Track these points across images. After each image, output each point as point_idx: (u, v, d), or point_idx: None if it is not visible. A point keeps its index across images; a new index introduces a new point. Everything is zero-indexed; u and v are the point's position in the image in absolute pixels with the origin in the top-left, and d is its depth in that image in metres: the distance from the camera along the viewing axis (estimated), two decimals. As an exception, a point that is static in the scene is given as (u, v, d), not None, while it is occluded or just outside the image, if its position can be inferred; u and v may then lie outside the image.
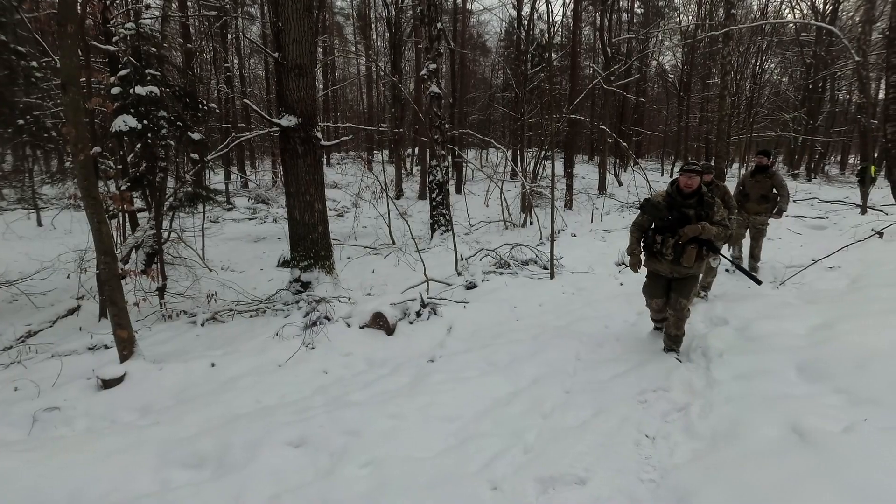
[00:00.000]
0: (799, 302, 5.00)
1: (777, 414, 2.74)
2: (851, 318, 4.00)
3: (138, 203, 7.36)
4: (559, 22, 21.26)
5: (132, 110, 5.75)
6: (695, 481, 2.34)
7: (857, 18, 19.62)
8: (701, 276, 5.19)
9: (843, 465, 2.13)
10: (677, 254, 3.65)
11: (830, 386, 3.09)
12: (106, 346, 4.71)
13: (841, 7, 21.04)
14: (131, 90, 5.72)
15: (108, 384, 3.77)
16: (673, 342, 4.00)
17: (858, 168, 13.65)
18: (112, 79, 5.93)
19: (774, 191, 6.09)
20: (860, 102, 14.26)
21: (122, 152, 7.17)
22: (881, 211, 9.87)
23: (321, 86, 23.67)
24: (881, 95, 12.59)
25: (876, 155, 15.02)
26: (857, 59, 11.26)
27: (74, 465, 2.69)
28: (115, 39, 6.82)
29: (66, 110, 3.68)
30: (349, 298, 5.54)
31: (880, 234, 7.48)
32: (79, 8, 5.57)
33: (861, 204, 12.41)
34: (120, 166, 7.12)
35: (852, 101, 24.30)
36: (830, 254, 6.44)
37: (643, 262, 3.98)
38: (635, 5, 24.14)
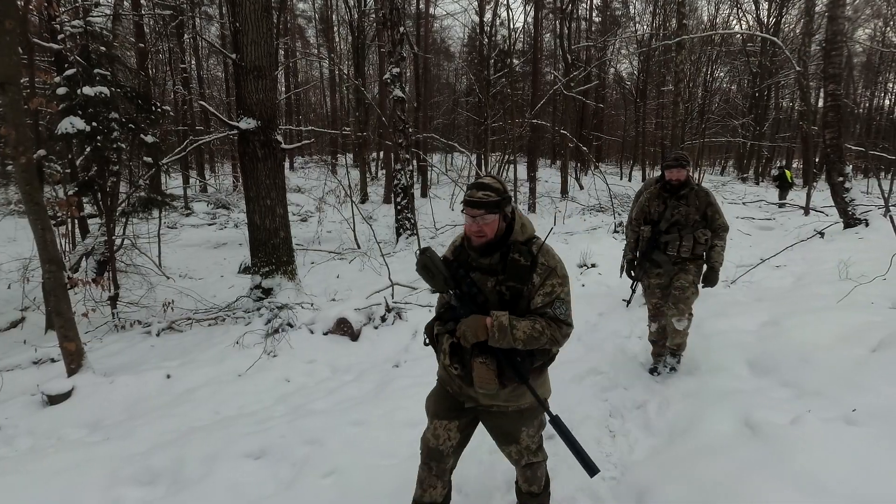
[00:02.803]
0: (748, 300, 5.24)
1: (730, 408, 2.86)
2: (796, 314, 4.22)
3: (89, 209, 7.04)
4: (520, 28, 21.64)
5: (80, 111, 5.49)
6: (653, 477, 2.42)
7: (798, 31, 20.81)
8: (678, 330, 3.43)
9: (788, 456, 2.24)
10: (465, 368, 1.84)
11: (778, 380, 3.26)
12: (52, 360, 4.46)
13: (783, 20, 22.27)
14: (78, 90, 5.47)
15: (54, 400, 3.58)
16: None
17: (775, 175, 14.60)
18: (57, 78, 5.66)
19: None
20: (802, 110, 15.11)
21: (70, 156, 6.83)
22: (822, 212, 10.47)
23: (283, 88, 23.26)
24: (820, 103, 13.39)
25: (817, 159, 15.94)
26: (797, 68, 11.93)
27: (16, 487, 2.53)
28: (60, 37, 6.51)
29: (6, 111, 3.49)
30: (312, 304, 5.45)
31: (821, 234, 7.93)
32: (20, 2, 5.29)
33: (781, 202, 13.20)
34: (68, 170, 6.79)
35: (795, 109, 25.69)
36: (776, 253, 6.78)
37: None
38: (593, 14, 24.84)
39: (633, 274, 3.79)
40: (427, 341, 1.97)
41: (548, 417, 1.75)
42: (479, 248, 1.79)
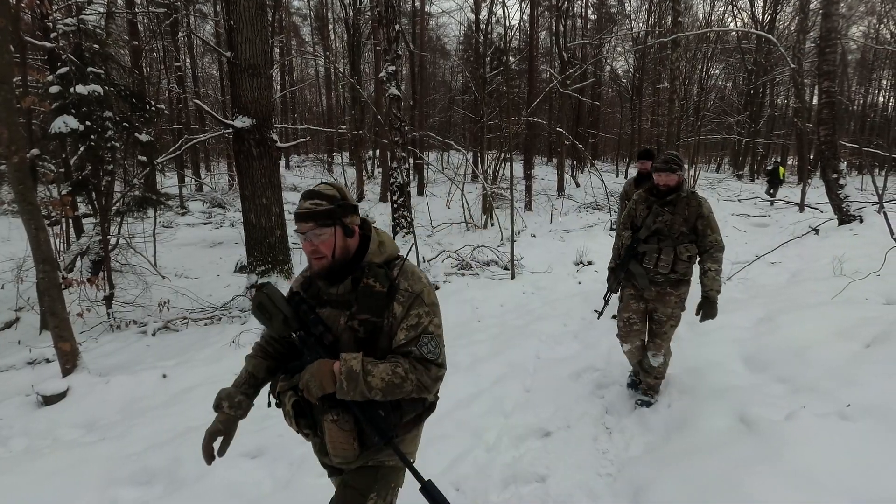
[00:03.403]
0: (744, 296, 5.26)
1: (725, 405, 2.87)
2: (791, 310, 4.24)
3: (84, 208, 7.00)
4: (516, 26, 21.60)
5: (73, 110, 5.46)
6: (649, 474, 2.42)
7: (793, 28, 20.89)
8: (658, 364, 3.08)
9: (784, 451, 2.24)
10: (315, 430, 1.50)
11: (773, 375, 3.27)
12: (47, 360, 4.45)
13: (778, 17, 22.33)
14: (72, 89, 5.43)
15: (49, 400, 3.56)
16: None
17: (769, 169, 14.61)
18: (50, 77, 5.62)
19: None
20: (796, 107, 15.19)
21: (64, 155, 6.79)
22: (817, 209, 10.51)
23: (278, 87, 23.18)
24: (815, 100, 13.44)
25: (812, 156, 16.00)
26: (792, 66, 11.97)
27: (12, 488, 2.52)
28: (53, 36, 6.46)
29: (-2, 110, 3.46)
30: (309, 303, 5.44)
31: (816, 230, 7.97)
32: (12, 0, 5.24)
33: (771, 197, 13.23)
34: (62, 169, 6.75)
35: (789, 106, 25.80)
36: (771, 250, 6.81)
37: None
38: (589, 12, 24.84)
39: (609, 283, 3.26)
40: (272, 402, 1.56)
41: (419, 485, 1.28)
42: (321, 273, 1.42)
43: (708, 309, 2.94)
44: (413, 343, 1.38)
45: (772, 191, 14.08)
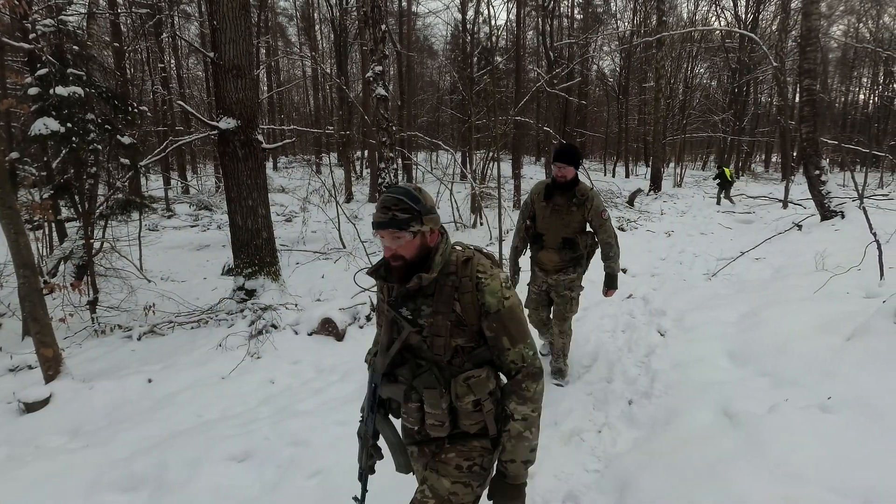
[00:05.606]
0: (729, 292, 5.33)
1: (710, 399, 2.91)
2: (775, 305, 4.30)
3: (67, 212, 6.90)
4: (503, 26, 21.67)
5: (54, 112, 5.37)
6: (635, 469, 2.45)
7: (775, 27, 21.19)
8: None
9: (766, 444, 2.28)
10: None
11: (757, 369, 3.31)
12: (29, 367, 4.38)
13: (761, 16, 22.65)
14: (52, 91, 5.35)
15: (31, 407, 3.51)
16: None
17: (716, 172, 14.58)
18: (29, 78, 5.53)
19: (589, 228, 3.32)
20: (779, 105, 15.39)
21: (46, 158, 6.68)
22: (800, 205, 10.68)
23: (265, 87, 23.02)
24: (797, 98, 13.64)
25: (795, 153, 16.23)
26: (775, 64, 12.16)
27: (-8, 498, 2.48)
28: (32, 37, 6.35)
29: (-25, 113, 3.40)
30: (297, 305, 5.41)
31: (799, 226, 8.10)
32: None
33: (730, 202, 13.27)
34: (44, 173, 6.65)
35: (773, 104, 26.16)
36: (755, 246, 6.91)
37: None
38: (575, 11, 24.99)
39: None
40: None
41: None
42: None
43: None
44: None
45: (723, 194, 13.83)
